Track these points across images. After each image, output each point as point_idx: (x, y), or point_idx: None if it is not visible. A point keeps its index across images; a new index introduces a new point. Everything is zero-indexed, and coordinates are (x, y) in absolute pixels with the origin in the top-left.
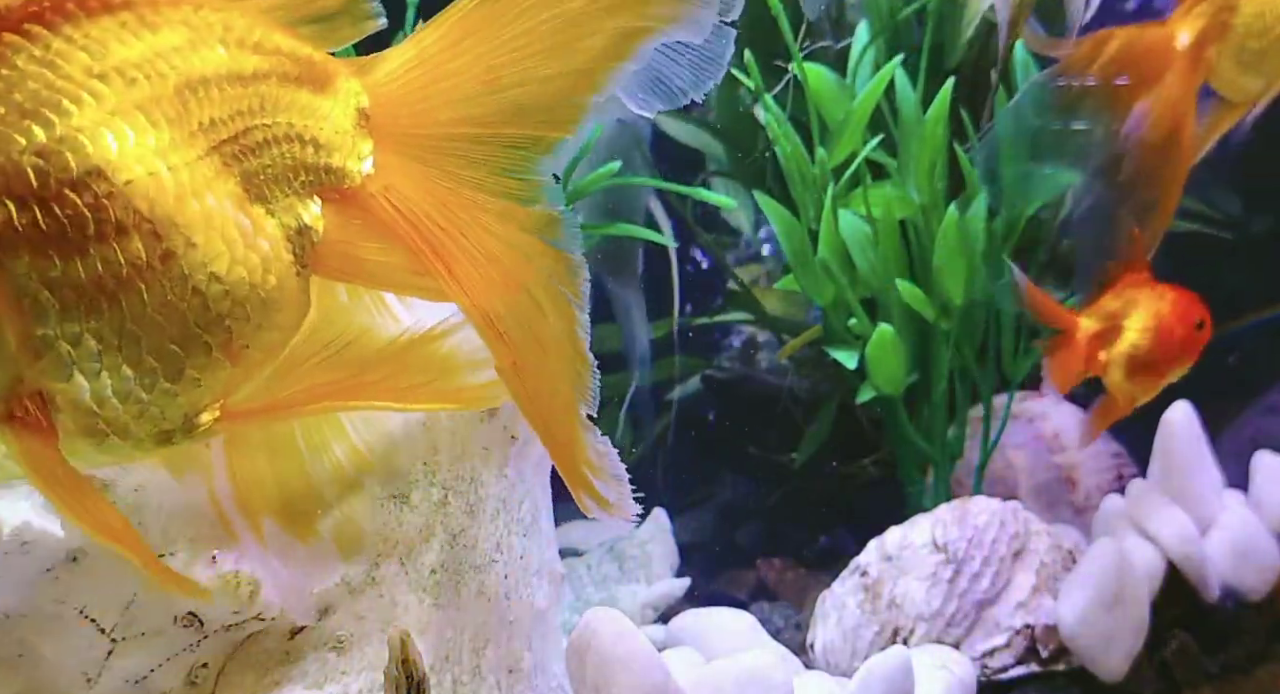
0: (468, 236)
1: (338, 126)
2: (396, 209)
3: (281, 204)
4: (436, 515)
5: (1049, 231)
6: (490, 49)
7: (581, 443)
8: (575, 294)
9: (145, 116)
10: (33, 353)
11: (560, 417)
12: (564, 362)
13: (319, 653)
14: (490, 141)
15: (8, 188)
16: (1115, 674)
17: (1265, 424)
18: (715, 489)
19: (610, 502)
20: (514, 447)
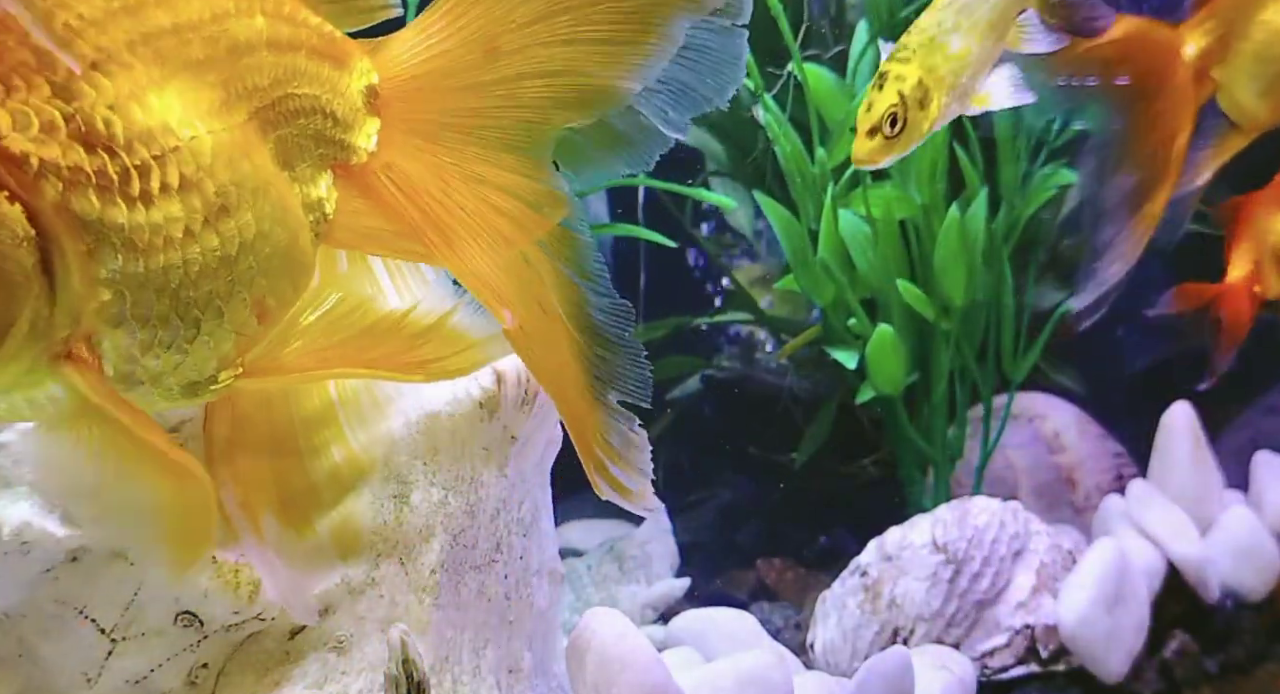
0: (469, 212)
1: (352, 103)
2: (396, 186)
3: (303, 174)
4: (436, 515)
5: (1049, 231)
6: (493, 29)
7: (597, 422)
8: (581, 273)
9: (200, 77)
10: (93, 296)
11: (571, 391)
12: (569, 338)
13: (319, 653)
14: (493, 122)
15: (81, 135)
16: (1115, 674)
17: (1265, 424)
18: (715, 489)
19: (629, 489)
20: (514, 447)
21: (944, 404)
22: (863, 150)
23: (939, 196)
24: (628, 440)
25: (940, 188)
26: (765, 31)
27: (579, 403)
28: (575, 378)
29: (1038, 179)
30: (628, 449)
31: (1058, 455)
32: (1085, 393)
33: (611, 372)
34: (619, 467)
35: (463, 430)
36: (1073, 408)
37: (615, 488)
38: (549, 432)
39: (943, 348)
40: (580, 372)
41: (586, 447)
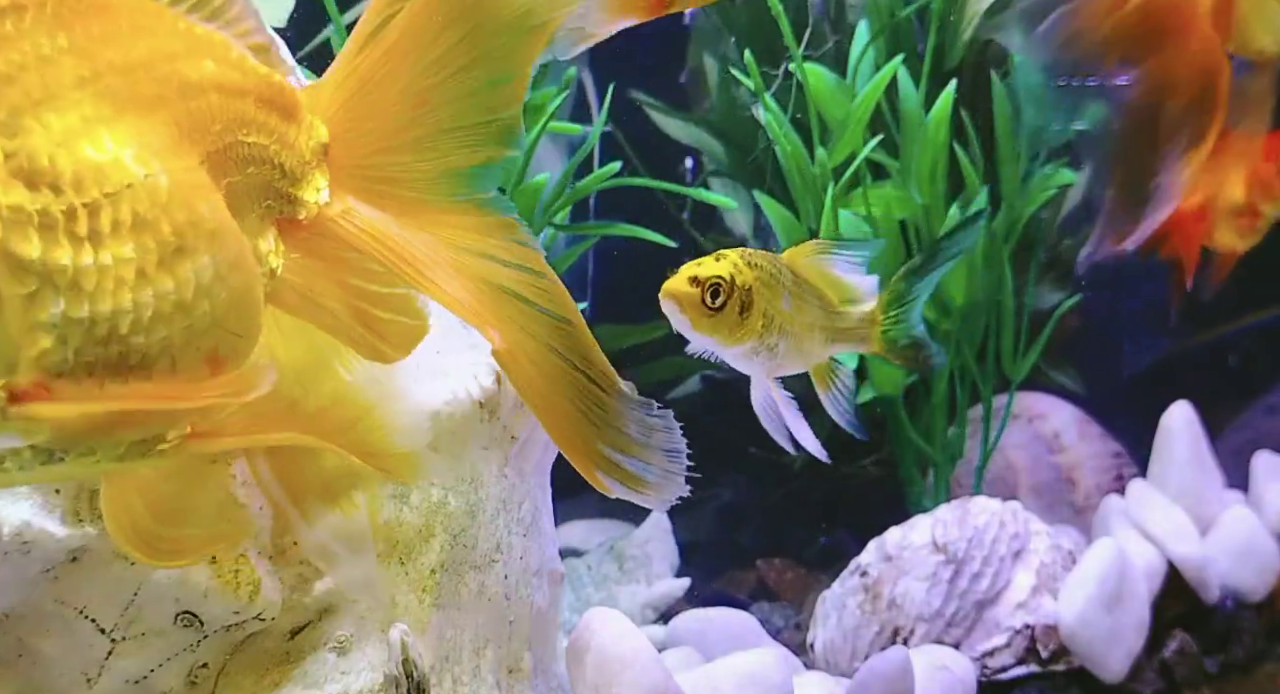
0: (431, 241)
1: (300, 156)
2: (359, 228)
3: (251, 225)
4: (436, 515)
5: (1049, 231)
6: (420, 71)
7: (612, 415)
8: (554, 285)
9: (152, 116)
10: (33, 342)
11: (565, 404)
12: (557, 349)
13: (319, 653)
14: (433, 160)
15: (23, 172)
16: (1115, 674)
17: (1265, 424)
18: (715, 489)
19: (647, 481)
20: (514, 447)
21: (944, 404)
22: (678, 289)
23: (939, 196)
24: (648, 426)
25: (940, 188)
26: (765, 31)
27: (573, 414)
28: (569, 387)
29: (1038, 179)
30: (649, 434)
31: (1058, 455)
32: (1085, 393)
33: (609, 368)
34: (637, 456)
35: (463, 430)
36: (1073, 408)
37: (629, 482)
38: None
39: (943, 348)
40: (577, 377)
41: (586, 452)
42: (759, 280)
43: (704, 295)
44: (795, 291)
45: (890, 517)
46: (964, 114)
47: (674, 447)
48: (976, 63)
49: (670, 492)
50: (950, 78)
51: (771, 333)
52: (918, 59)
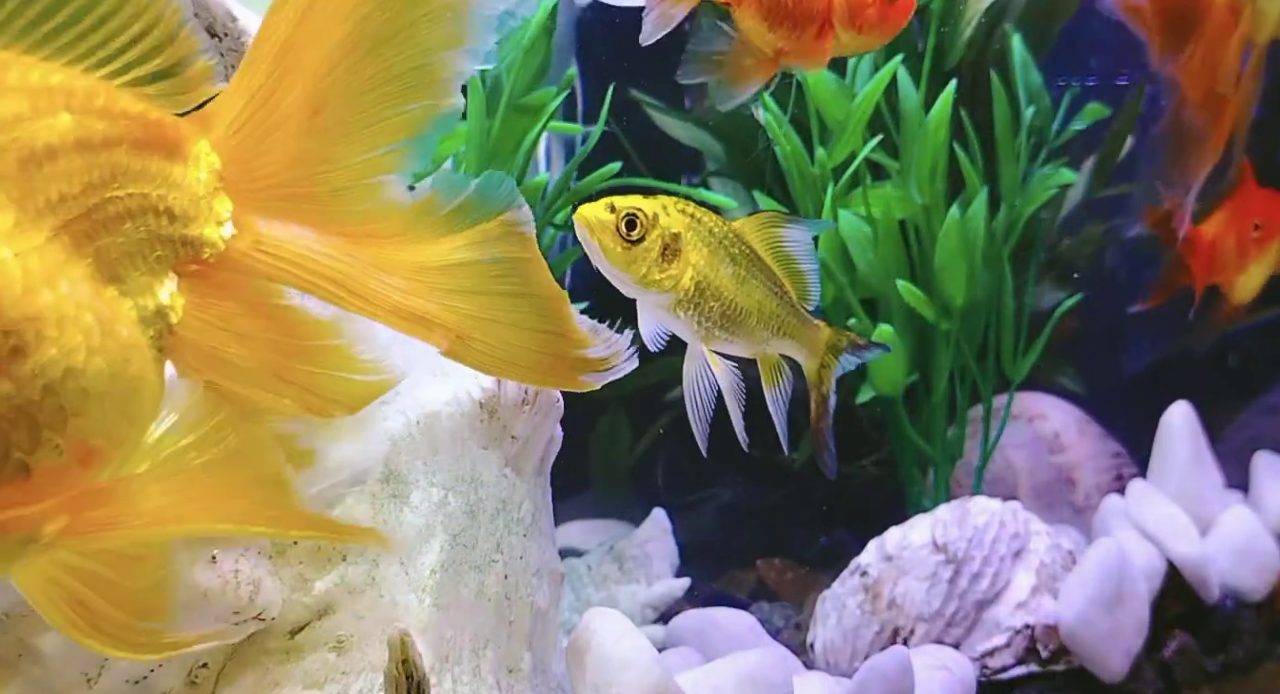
0: (355, 253)
1: (192, 193)
2: (274, 256)
3: (136, 283)
4: (436, 515)
5: (1049, 231)
6: (317, 78)
7: (579, 342)
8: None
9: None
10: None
11: (531, 358)
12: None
13: (319, 653)
14: (346, 162)
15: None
16: (1115, 674)
17: (1265, 424)
18: (715, 489)
19: (609, 357)
20: (514, 446)
21: (944, 404)
22: (591, 213)
23: (939, 196)
24: (609, 341)
25: (940, 188)
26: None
27: (546, 360)
28: (537, 339)
29: (1038, 179)
30: (610, 346)
31: (1058, 455)
32: (1085, 393)
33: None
34: (597, 346)
35: (463, 430)
36: (1073, 408)
37: (604, 366)
38: (549, 431)
39: (943, 348)
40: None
41: (564, 370)
42: (693, 232)
43: (619, 223)
44: (742, 263)
45: (890, 517)
46: (964, 114)
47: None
48: (976, 63)
49: (625, 352)
50: (950, 78)
51: (705, 297)
52: (918, 59)
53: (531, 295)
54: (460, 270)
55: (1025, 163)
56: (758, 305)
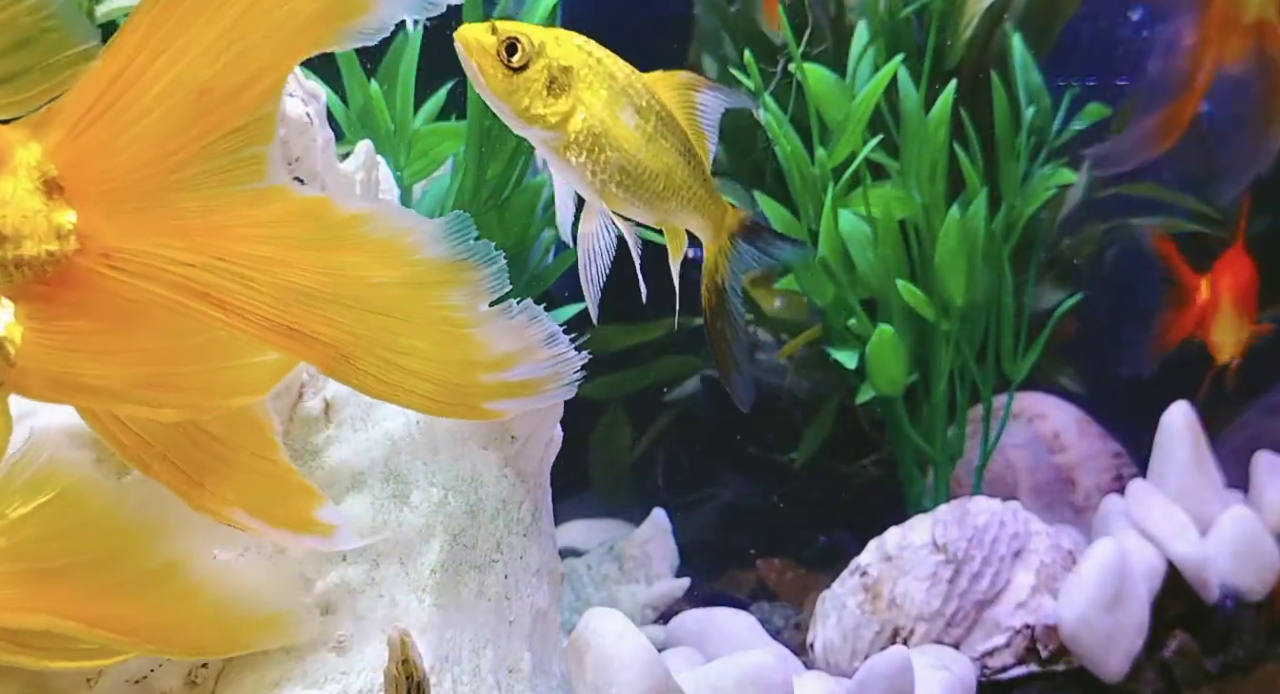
0: (222, 259)
1: (23, 210)
2: (122, 270)
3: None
4: (436, 515)
5: (1049, 231)
6: (171, 69)
7: (484, 340)
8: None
9: None
10: None
11: (429, 368)
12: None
13: (319, 653)
14: (203, 160)
15: None
16: (1115, 674)
17: (1265, 424)
18: (715, 489)
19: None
20: (514, 446)
21: (944, 404)
22: (472, 34)
23: (939, 196)
24: (517, 328)
25: (940, 188)
26: (764, 31)
27: (431, 372)
28: (437, 367)
29: (1038, 179)
30: (522, 335)
31: (1058, 455)
32: (1085, 393)
33: (468, 288)
34: (519, 363)
35: (463, 430)
36: (1073, 408)
37: (522, 393)
38: (549, 431)
39: (943, 348)
40: (445, 351)
41: (464, 400)
42: (590, 71)
43: (500, 48)
44: (650, 119)
45: (890, 517)
46: (964, 114)
47: (550, 331)
48: (976, 63)
49: (568, 373)
50: (950, 78)
51: (601, 145)
52: (918, 59)
53: (432, 319)
54: (350, 284)
55: (1025, 163)
56: (666, 170)
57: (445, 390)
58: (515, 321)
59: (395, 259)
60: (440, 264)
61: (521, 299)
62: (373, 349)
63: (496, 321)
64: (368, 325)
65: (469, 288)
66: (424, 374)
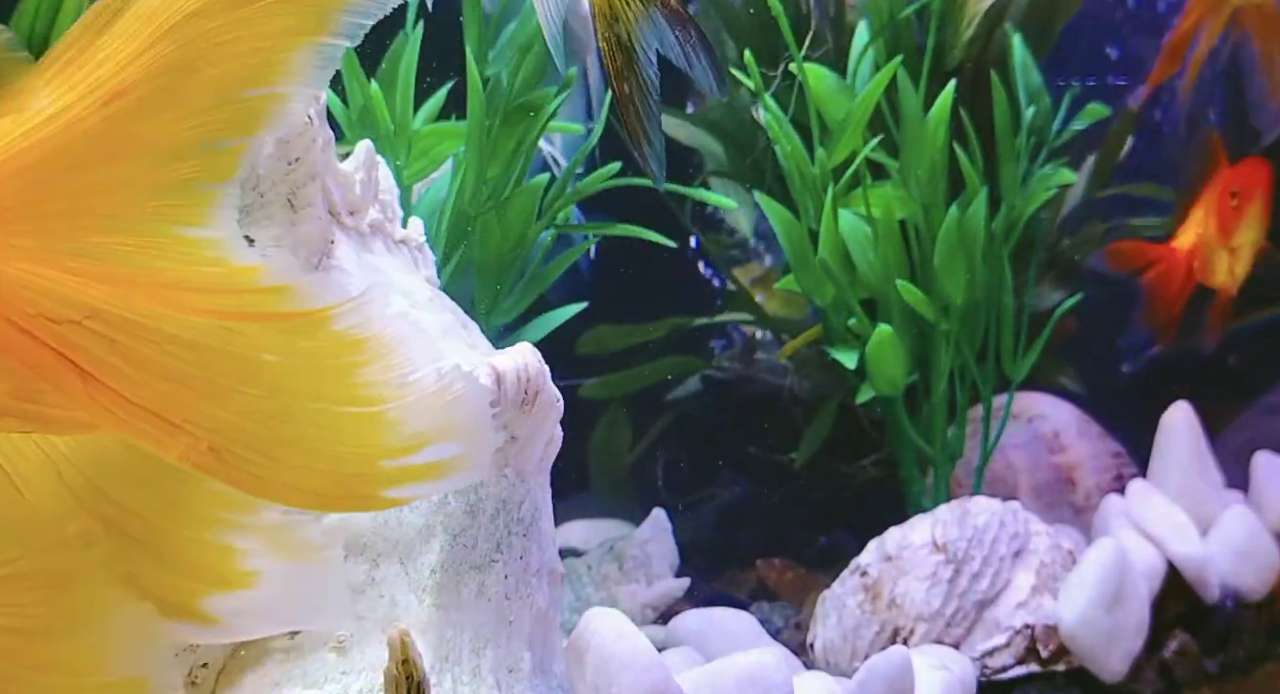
0: (97, 317)
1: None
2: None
3: None
4: (436, 515)
5: (1049, 231)
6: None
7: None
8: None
9: None
10: None
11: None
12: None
13: (319, 653)
14: (132, 200)
15: None
16: (1115, 674)
17: (1265, 424)
18: (715, 489)
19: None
20: (514, 447)
21: (944, 404)
22: None
23: (939, 196)
24: (443, 408)
25: (940, 188)
26: (764, 31)
27: (341, 482)
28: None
29: (1038, 179)
30: (438, 418)
31: (1058, 455)
32: (1085, 393)
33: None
34: (430, 447)
35: None
36: (1073, 408)
37: (433, 476)
38: (549, 431)
39: (943, 348)
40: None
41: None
42: None
43: None
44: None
45: (890, 517)
46: (964, 114)
47: (478, 406)
48: (976, 63)
49: (483, 453)
50: (950, 78)
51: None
52: (918, 59)
53: (336, 401)
54: (237, 362)
55: (1025, 163)
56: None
57: (336, 482)
58: (442, 394)
59: (298, 333)
60: (352, 340)
61: (449, 369)
62: (252, 442)
63: (418, 396)
64: (250, 413)
65: (385, 362)
66: (312, 467)
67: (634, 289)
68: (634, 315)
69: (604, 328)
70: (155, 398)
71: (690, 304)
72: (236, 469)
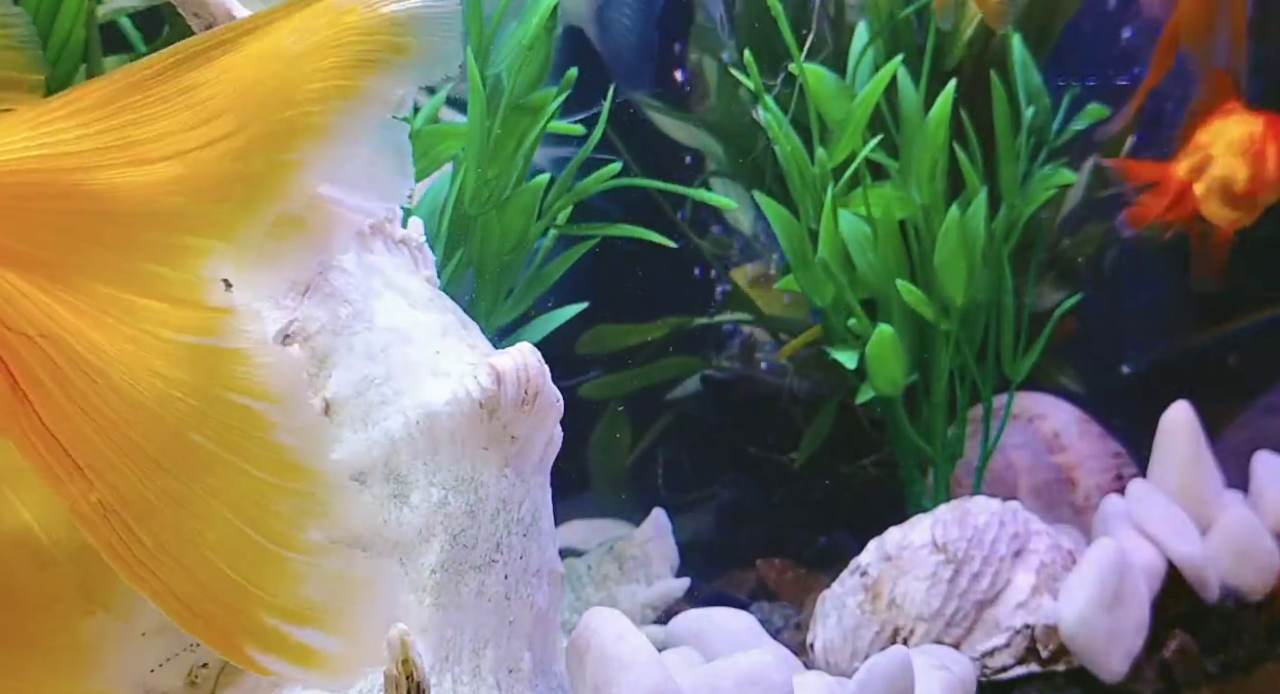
0: (54, 337)
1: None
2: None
3: None
4: (436, 515)
5: (1049, 231)
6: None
7: (290, 573)
8: (263, 395)
9: None
10: None
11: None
12: (238, 482)
13: None
14: (123, 247)
15: None
16: (1115, 674)
17: (1265, 424)
18: (715, 489)
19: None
20: (514, 447)
21: (944, 404)
22: None
23: (939, 196)
24: (334, 584)
25: (940, 188)
26: (764, 32)
27: (241, 569)
28: (234, 539)
29: (1038, 179)
30: (332, 595)
31: (1057, 455)
32: (1085, 393)
33: (313, 504)
34: (310, 626)
35: (463, 430)
36: (1073, 408)
37: (294, 657)
38: (549, 431)
39: (943, 348)
40: (248, 522)
41: (244, 626)
42: None
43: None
44: None
45: (890, 517)
46: (964, 114)
47: (370, 605)
48: (976, 62)
49: (350, 666)
50: (950, 78)
51: None
52: (918, 59)
53: (240, 527)
54: (170, 425)
55: (1025, 163)
56: None
57: (206, 601)
58: (348, 572)
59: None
60: (288, 459)
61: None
62: (145, 516)
63: (323, 566)
64: (156, 487)
65: (318, 499)
66: (192, 573)
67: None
68: (634, 315)
69: (604, 328)
70: (71, 433)
71: (689, 304)
72: (115, 537)
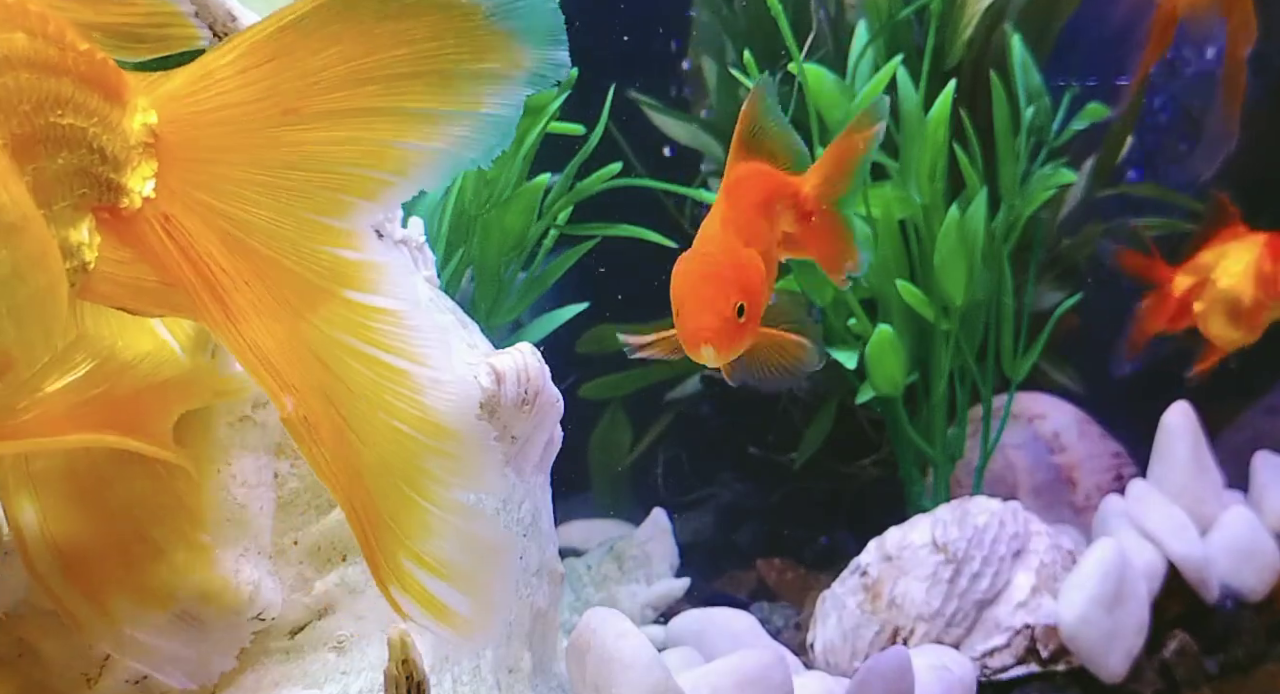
0: (256, 283)
1: (125, 141)
2: (173, 241)
3: (61, 215)
4: None
5: (1049, 231)
6: (291, 87)
7: (421, 525)
8: (404, 353)
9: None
10: None
11: (369, 496)
12: (385, 434)
13: (319, 653)
14: (292, 186)
15: None
16: (1115, 674)
17: (1265, 424)
18: (715, 489)
19: (451, 609)
20: (514, 447)
21: (944, 404)
22: None
23: (939, 196)
24: (467, 544)
25: (940, 188)
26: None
27: (386, 508)
28: (383, 479)
29: (1037, 179)
30: (464, 555)
31: (1057, 455)
32: (1085, 393)
33: (457, 465)
34: (442, 580)
35: None
36: (1073, 408)
37: (428, 607)
38: (549, 431)
39: (943, 348)
40: (395, 469)
41: (385, 558)
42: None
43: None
44: None
45: (890, 517)
46: (964, 114)
47: (499, 572)
48: (976, 62)
49: (480, 629)
50: (950, 77)
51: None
52: (918, 59)
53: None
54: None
55: (1025, 163)
56: None
57: (372, 525)
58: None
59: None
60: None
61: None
62: (330, 441)
63: (459, 526)
64: (330, 419)
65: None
66: (354, 501)
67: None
68: (634, 315)
69: (604, 328)
70: (280, 355)
71: None
72: (315, 448)
